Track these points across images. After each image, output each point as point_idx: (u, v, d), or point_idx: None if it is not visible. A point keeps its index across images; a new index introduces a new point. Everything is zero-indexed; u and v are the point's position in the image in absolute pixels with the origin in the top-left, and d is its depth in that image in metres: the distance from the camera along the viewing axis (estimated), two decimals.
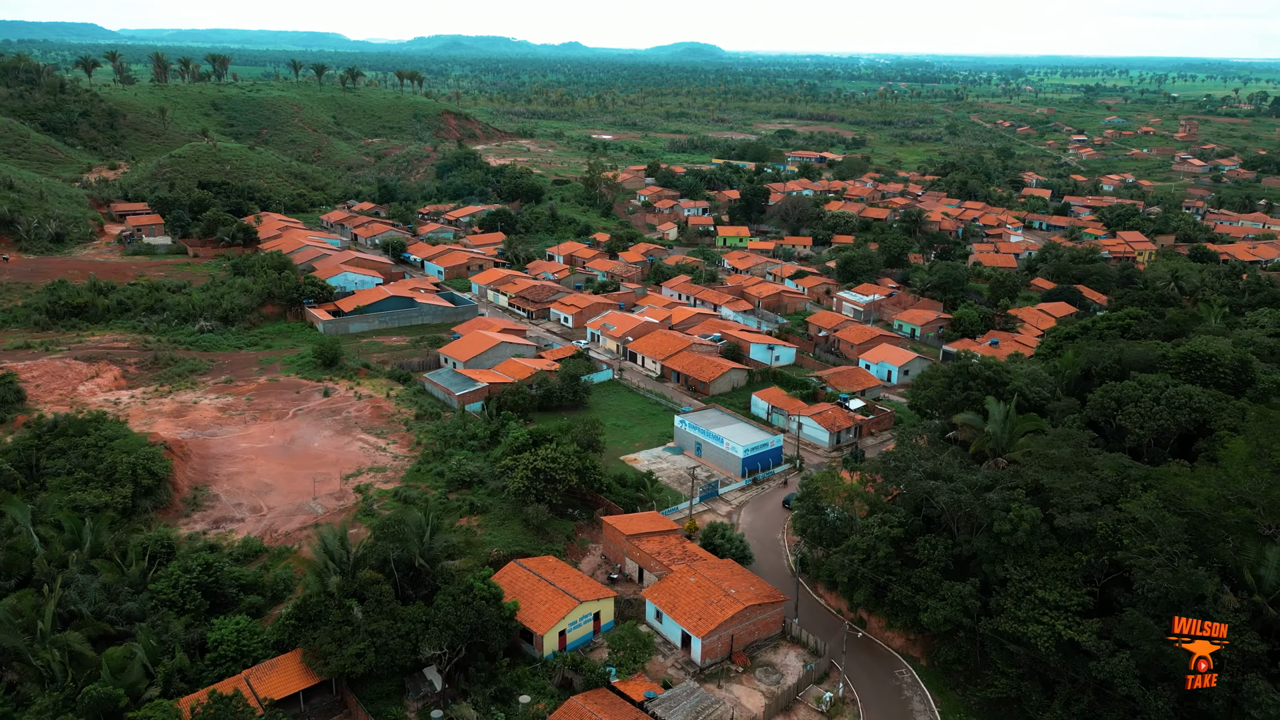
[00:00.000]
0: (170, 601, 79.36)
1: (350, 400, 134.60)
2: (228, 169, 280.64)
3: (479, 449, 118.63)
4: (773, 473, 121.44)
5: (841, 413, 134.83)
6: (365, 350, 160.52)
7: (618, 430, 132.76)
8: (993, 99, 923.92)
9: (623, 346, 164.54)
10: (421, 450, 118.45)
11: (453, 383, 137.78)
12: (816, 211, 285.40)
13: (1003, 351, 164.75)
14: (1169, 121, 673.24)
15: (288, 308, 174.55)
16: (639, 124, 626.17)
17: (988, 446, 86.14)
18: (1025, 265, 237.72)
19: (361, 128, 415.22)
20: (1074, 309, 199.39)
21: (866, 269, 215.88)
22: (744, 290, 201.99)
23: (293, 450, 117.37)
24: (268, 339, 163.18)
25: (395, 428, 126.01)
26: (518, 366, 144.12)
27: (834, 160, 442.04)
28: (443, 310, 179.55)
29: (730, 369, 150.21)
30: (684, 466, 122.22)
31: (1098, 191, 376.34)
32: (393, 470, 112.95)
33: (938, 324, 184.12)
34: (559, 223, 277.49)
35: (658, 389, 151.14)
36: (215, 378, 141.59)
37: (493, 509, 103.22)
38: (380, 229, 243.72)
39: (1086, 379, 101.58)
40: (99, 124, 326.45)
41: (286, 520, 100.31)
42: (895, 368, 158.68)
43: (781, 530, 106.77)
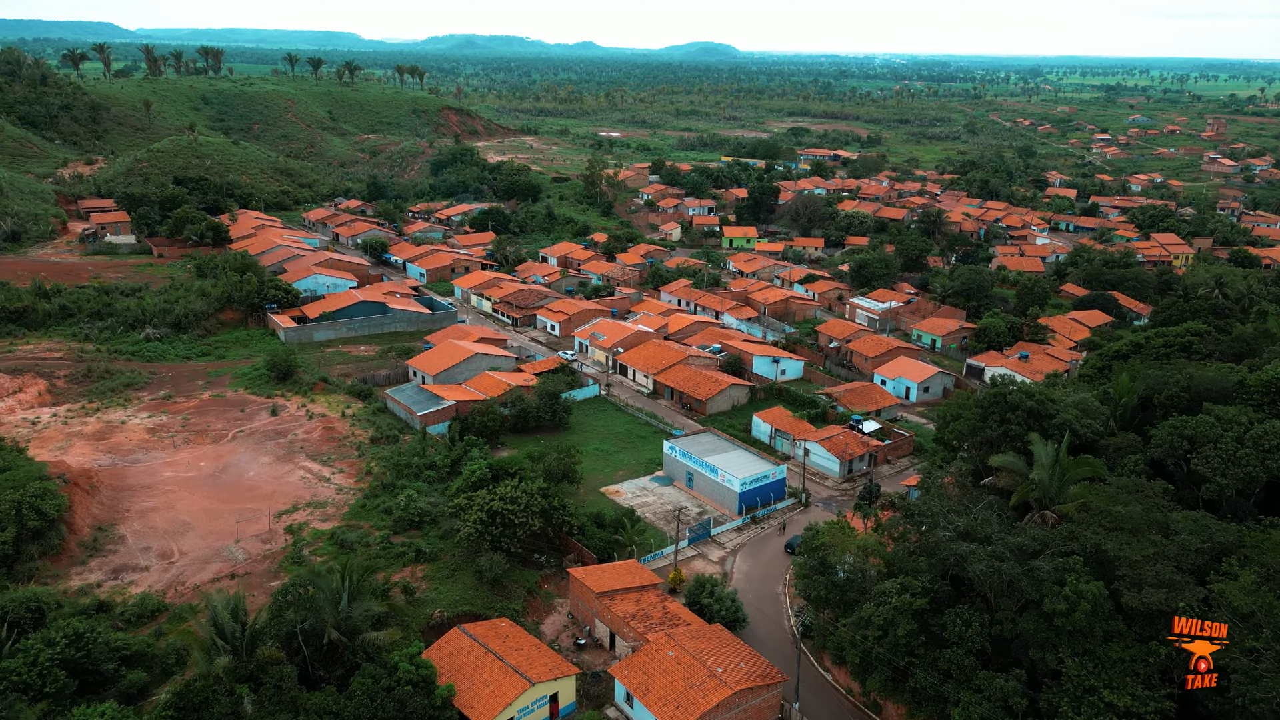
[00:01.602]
0: (25, 684, 64.38)
1: (299, 420, 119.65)
2: (208, 164, 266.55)
3: (436, 480, 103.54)
4: (774, 509, 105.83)
5: (854, 437, 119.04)
6: (329, 361, 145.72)
7: (600, 456, 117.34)
8: (1011, 98, 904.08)
9: (612, 358, 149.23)
10: (371, 481, 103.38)
11: (416, 400, 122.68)
12: (829, 211, 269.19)
13: (1034, 367, 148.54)
14: (1195, 120, 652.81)
15: (249, 313, 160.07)
16: (648, 121, 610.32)
17: (1033, 497, 70.30)
18: (1054, 270, 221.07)
19: (358, 123, 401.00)
20: (1109, 318, 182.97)
21: (882, 273, 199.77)
22: (749, 296, 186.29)
23: (223, 481, 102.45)
24: (223, 348, 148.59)
25: (345, 453, 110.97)
26: (492, 382, 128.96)
27: (848, 158, 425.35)
28: (418, 317, 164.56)
29: (730, 385, 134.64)
30: (672, 500, 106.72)
31: (1126, 191, 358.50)
32: (334, 506, 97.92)
33: (960, 334, 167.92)
34: (556, 222, 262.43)
35: (649, 407, 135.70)
36: (154, 392, 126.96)
37: (443, 556, 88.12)
38: (363, 228, 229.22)
39: (1146, 409, 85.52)
40: (80, 118, 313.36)
41: (199, 569, 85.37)
42: (914, 384, 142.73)
43: (783, 582, 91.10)
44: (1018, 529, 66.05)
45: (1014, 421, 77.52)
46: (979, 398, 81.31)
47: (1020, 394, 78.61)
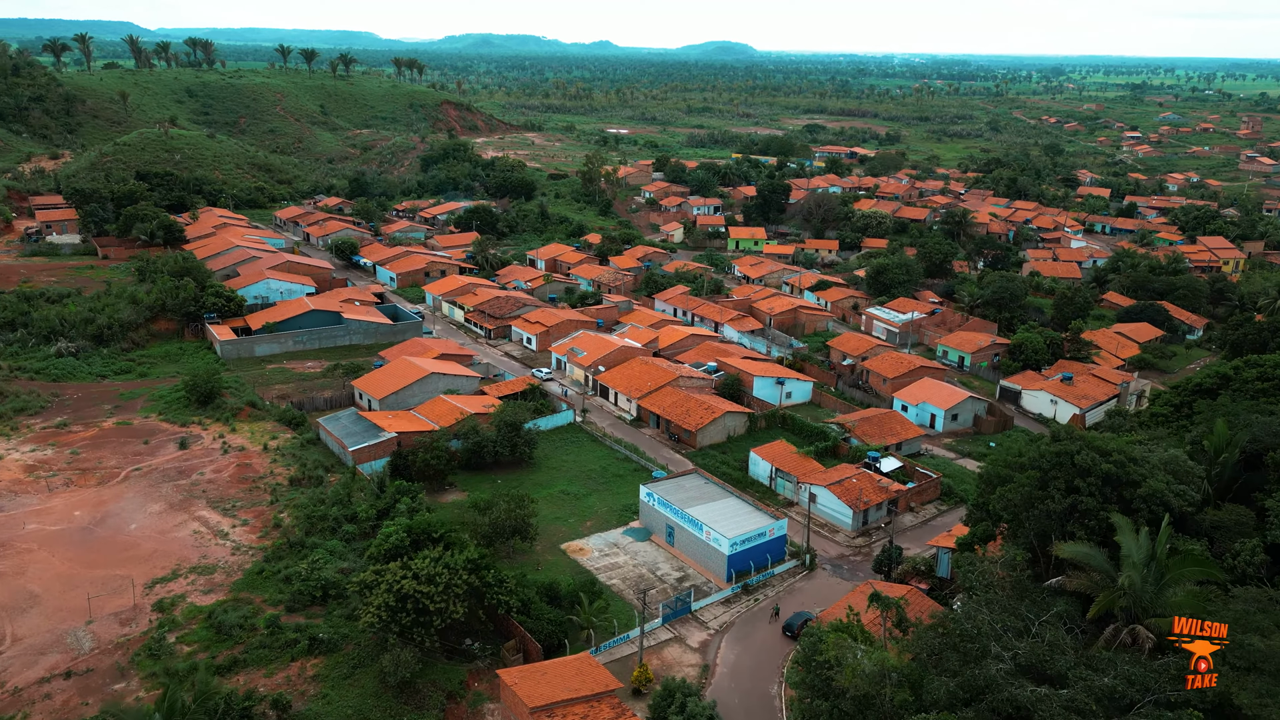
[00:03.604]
0: None
1: (212, 455, 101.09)
2: (177, 159, 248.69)
3: (358, 536, 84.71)
4: (771, 573, 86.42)
5: (870, 480, 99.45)
6: (268, 380, 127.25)
7: (566, 502, 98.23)
8: (1034, 96, 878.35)
9: (591, 378, 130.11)
10: (277, 537, 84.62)
11: (351, 431, 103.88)
12: (844, 211, 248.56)
13: (1079, 390, 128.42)
14: (1227, 119, 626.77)
15: (185, 324, 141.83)
16: (659, 118, 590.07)
17: (1119, 605, 50.54)
18: (1092, 276, 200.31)
19: (351, 118, 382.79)
20: (1159, 331, 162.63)
21: (903, 279, 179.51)
22: (752, 305, 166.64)
23: (95, 536, 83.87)
24: (147, 364, 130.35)
25: (257, 498, 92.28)
26: (445, 408, 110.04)
27: (866, 155, 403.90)
28: (378, 328, 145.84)
29: (725, 413, 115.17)
30: (648, 561, 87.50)
31: (1163, 191, 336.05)
32: (226, 571, 79.22)
33: (992, 351, 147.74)
34: (549, 222, 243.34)
35: (631, 437, 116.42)
36: (49, 419, 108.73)
37: (346, 646, 69.34)
38: (337, 227, 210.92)
39: (1251, 467, 65.70)
40: (53, 110, 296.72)
41: (29, 663, 66.76)
42: (941, 411, 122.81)
43: (778, 680, 71.73)
44: (1101, 660, 46.40)
45: (1086, 490, 57.80)
46: (1036, 454, 61.54)
47: (1092, 453, 58.78)
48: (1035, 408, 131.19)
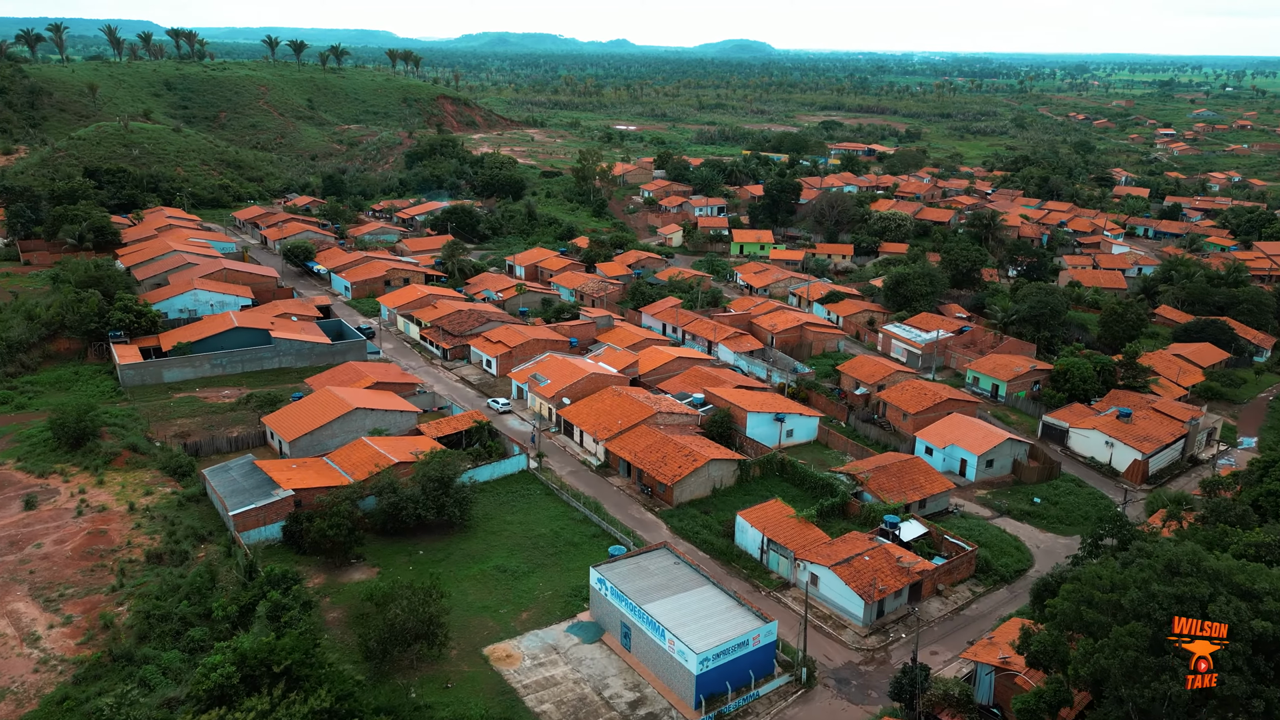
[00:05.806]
0: None
1: (62, 518, 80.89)
2: (135, 154, 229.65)
3: (211, 640, 64.21)
4: (755, 695, 65.34)
5: (886, 558, 78.08)
6: (171, 412, 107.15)
7: (500, 582, 77.43)
8: (1059, 93, 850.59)
9: (554, 412, 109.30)
10: (104, 643, 64.27)
11: (238, 489, 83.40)
12: (860, 212, 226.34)
13: (1140, 431, 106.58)
14: (1265, 115, 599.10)
15: (89, 343, 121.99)
16: (669, 115, 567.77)
17: None
18: (1140, 287, 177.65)
19: (340, 113, 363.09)
20: (1224, 353, 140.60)
21: (925, 291, 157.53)
22: (752, 321, 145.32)
23: None
24: (31, 392, 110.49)
25: (98, 582, 72.01)
26: (365, 454, 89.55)
27: (884, 153, 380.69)
28: (313, 349, 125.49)
29: (709, 461, 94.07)
30: (594, 675, 66.58)
31: (1205, 191, 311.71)
32: (18, 697, 58.98)
33: (1031, 378, 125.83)
34: (537, 223, 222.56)
35: (596, 489, 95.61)
36: None
37: None
38: (297, 229, 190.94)
39: None
40: (16, 103, 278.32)
41: None
42: (974, 457, 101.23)
43: None
44: None
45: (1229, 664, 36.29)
46: (1141, 596, 40.05)
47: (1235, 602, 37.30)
48: (1086, 450, 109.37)
